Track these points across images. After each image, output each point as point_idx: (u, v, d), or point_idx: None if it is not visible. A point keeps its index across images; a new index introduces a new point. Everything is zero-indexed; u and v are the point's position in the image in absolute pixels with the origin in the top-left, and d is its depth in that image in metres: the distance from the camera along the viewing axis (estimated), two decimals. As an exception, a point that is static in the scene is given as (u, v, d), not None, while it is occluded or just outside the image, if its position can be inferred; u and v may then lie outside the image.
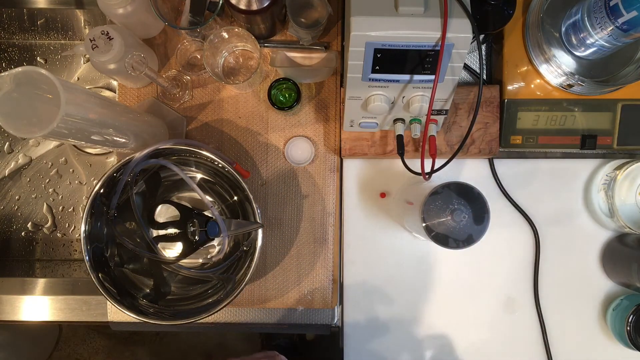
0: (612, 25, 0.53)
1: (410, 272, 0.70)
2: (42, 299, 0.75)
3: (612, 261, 0.68)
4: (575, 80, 0.61)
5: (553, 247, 0.70)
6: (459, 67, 0.53)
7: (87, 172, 0.86)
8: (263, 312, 0.71)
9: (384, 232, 0.71)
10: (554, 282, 0.70)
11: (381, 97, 0.56)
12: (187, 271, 0.67)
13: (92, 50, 0.60)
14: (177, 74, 0.71)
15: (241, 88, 0.70)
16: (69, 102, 0.44)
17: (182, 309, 0.64)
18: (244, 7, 0.60)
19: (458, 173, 0.71)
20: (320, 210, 0.71)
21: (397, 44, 0.50)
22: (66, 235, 0.86)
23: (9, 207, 0.86)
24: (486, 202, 0.53)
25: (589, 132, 0.66)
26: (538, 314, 0.70)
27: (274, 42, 0.71)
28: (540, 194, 0.70)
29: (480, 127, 0.67)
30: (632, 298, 0.66)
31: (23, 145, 0.87)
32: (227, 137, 0.71)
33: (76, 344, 1.54)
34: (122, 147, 0.62)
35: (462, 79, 0.71)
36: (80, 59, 0.86)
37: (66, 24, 0.83)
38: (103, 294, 0.58)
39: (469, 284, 0.70)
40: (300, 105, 0.68)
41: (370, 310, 0.70)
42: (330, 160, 0.71)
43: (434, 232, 0.53)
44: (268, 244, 0.70)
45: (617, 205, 0.64)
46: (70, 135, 0.49)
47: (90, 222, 0.60)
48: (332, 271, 0.70)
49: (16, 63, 0.86)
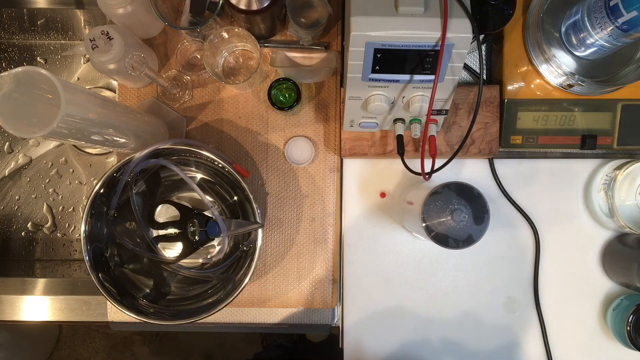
0: (612, 25, 0.53)
1: (410, 272, 0.70)
2: (42, 299, 0.75)
3: (612, 261, 0.68)
4: (575, 80, 0.61)
5: (553, 247, 0.70)
6: (459, 67, 0.53)
7: (87, 172, 0.86)
8: (263, 312, 0.71)
9: (384, 232, 0.71)
10: (554, 282, 0.70)
11: (381, 97, 0.56)
12: (187, 271, 0.67)
13: (92, 50, 0.60)
14: (177, 74, 0.71)
15: (241, 88, 0.70)
16: (69, 102, 0.43)
17: (182, 309, 0.64)
18: (244, 7, 0.60)
19: (458, 173, 0.71)
20: (320, 210, 0.71)
21: (397, 44, 0.50)
22: (66, 235, 0.86)
23: (9, 207, 0.86)
24: (486, 202, 0.53)
25: (589, 132, 0.66)
26: (538, 314, 0.70)
27: (274, 42, 0.71)
28: (540, 194, 0.70)
29: (480, 127, 0.67)
30: (632, 298, 0.66)
31: (23, 145, 0.87)
32: (227, 137, 0.71)
33: (76, 344, 1.54)
34: (122, 147, 0.62)
35: (462, 79, 0.71)
36: (80, 59, 0.86)
37: (66, 24, 0.83)
38: (103, 294, 0.58)
39: (469, 284, 0.70)
40: (300, 105, 0.68)
41: (370, 310, 0.70)
42: (330, 160, 0.71)
43: (434, 232, 0.53)
44: (268, 244, 0.70)
45: (617, 205, 0.64)
46: (70, 135, 0.49)
47: (90, 222, 0.60)
48: (332, 271, 0.70)
49: (16, 63, 0.86)
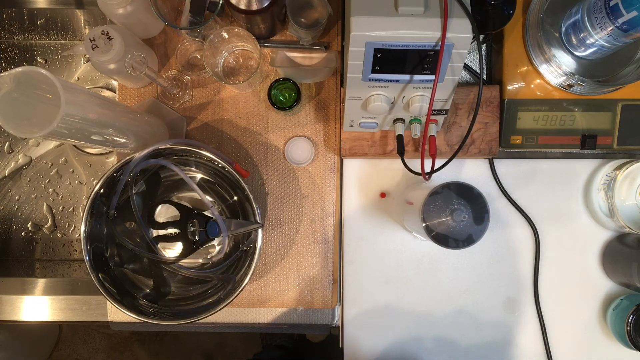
0: (612, 25, 0.53)
1: (410, 272, 0.70)
2: (42, 299, 0.75)
3: (612, 261, 0.68)
4: (575, 80, 0.61)
5: (553, 247, 0.70)
6: (459, 67, 0.53)
7: (87, 172, 0.86)
8: (263, 312, 0.71)
9: (384, 232, 0.71)
10: (554, 282, 0.70)
11: (381, 97, 0.56)
12: (187, 271, 0.67)
13: (92, 50, 0.60)
14: (177, 74, 0.71)
15: (241, 88, 0.70)
16: (69, 102, 0.43)
17: (182, 309, 0.64)
18: (244, 7, 0.60)
19: (458, 173, 0.71)
20: (320, 210, 0.71)
21: (397, 44, 0.50)
22: (66, 235, 0.86)
23: (9, 207, 0.86)
24: (486, 202, 0.53)
25: (589, 132, 0.66)
26: (538, 314, 0.70)
27: (274, 42, 0.71)
28: (540, 194, 0.70)
29: (480, 127, 0.67)
30: (632, 298, 0.66)
31: (23, 145, 0.87)
32: (227, 137, 0.71)
33: (76, 344, 1.54)
34: (122, 147, 0.62)
35: (462, 79, 0.71)
36: (80, 59, 0.86)
37: (66, 24, 0.83)
38: (103, 294, 0.58)
39: (469, 284, 0.70)
40: (300, 105, 0.68)
41: (370, 310, 0.70)
42: (330, 160, 0.71)
43: (434, 232, 0.53)
44: (268, 244, 0.70)
45: (617, 205, 0.64)
46: (70, 135, 0.49)
47: (90, 222, 0.60)
48: (332, 271, 0.70)
49: (16, 63, 0.86)
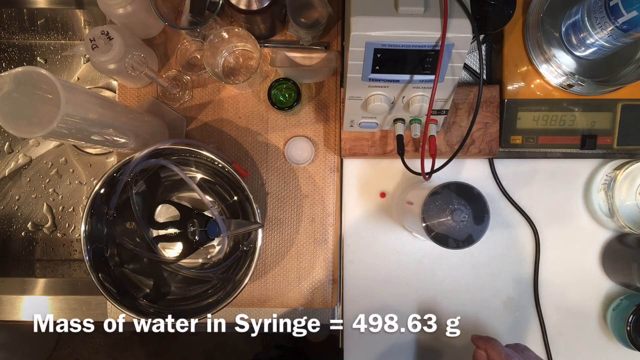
0: (612, 25, 0.53)
1: (410, 272, 0.70)
2: (42, 299, 0.75)
3: (612, 261, 0.68)
4: (575, 80, 0.61)
5: (553, 247, 0.70)
6: (459, 67, 0.53)
7: (87, 172, 0.86)
8: (263, 312, 0.71)
9: (384, 232, 0.71)
10: (554, 282, 0.70)
11: (381, 97, 0.56)
12: (187, 271, 0.67)
13: (92, 50, 0.60)
14: (177, 74, 0.71)
15: (241, 88, 0.70)
16: (69, 102, 0.44)
17: (182, 309, 0.64)
18: (244, 7, 0.60)
19: (458, 173, 0.71)
20: (320, 210, 0.71)
21: (397, 44, 0.50)
22: (66, 235, 0.86)
23: (9, 207, 0.86)
24: (486, 202, 0.53)
25: (589, 132, 0.66)
26: (538, 314, 0.70)
27: (274, 42, 0.71)
28: (540, 194, 0.70)
29: (480, 127, 0.67)
30: (632, 298, 0.66)
31: (23, 145, 0.87)
32: (227, 137, 0.71)
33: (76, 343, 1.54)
34: (122, 147, 0.62)
35: (462, 79, 0.71)
36: (80, 59, 0.86)
37: (66, 24, 0.83)
38: (103, 294, 0.58)
39: (469, 284, 0.70)
40: (300, 105, 0.68)
41: (370, 310, 0.70)
42: (330, 160, 0.71)
43: (434, 232, 0.53)
44: (268, 244, 0.70)
45: (617, 205, 0.64)
46: (70, 135, 0.49)
47: (90, 222, 0.60)
48: (332, 271, 0.70)
49: (16, 63, 0.86)
